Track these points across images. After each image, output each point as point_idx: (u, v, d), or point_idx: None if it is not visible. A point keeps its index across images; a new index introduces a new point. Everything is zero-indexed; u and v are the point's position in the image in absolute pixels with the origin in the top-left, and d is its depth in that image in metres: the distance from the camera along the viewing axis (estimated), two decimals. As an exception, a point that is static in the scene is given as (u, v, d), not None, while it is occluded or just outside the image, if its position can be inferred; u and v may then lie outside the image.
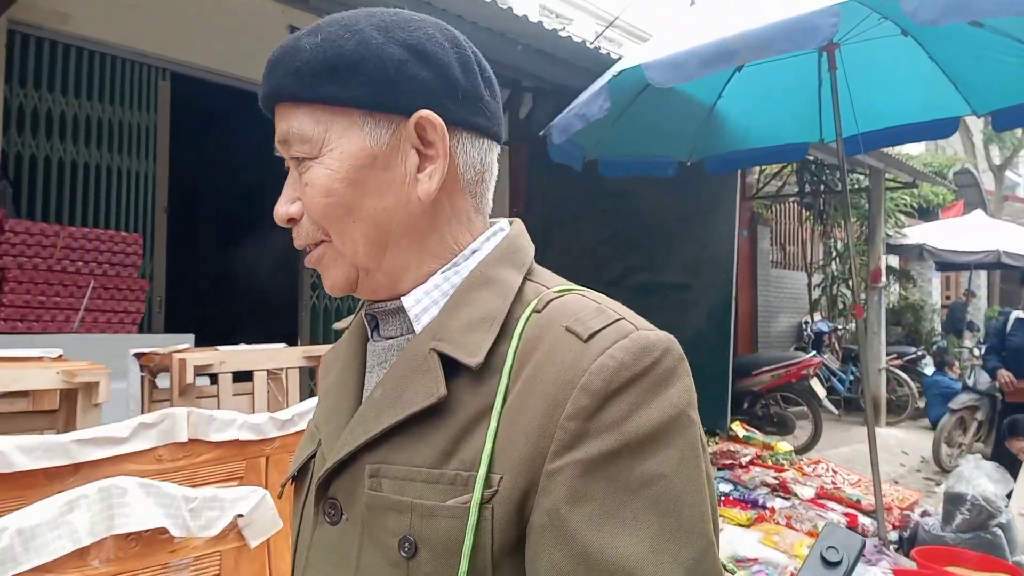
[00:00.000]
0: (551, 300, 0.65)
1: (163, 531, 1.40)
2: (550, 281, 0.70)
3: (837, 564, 0.61)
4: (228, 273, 4.17)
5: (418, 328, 0.68)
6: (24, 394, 2.26)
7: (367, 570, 0.63)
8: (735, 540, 3.20)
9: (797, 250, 10.96)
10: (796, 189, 9.44)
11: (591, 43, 5.01)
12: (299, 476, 0.75)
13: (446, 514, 0.59)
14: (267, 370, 2.50)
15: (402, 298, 0.69)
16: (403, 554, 0.60)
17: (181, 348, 2.61)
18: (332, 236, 0.68)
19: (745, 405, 6.27)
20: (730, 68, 2.45)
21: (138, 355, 2.53)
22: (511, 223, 0.75)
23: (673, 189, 5.20)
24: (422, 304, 0.68)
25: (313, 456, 0.72)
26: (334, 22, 0.67)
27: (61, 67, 4.09)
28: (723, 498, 3.80)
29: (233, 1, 4.59)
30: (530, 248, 0.73)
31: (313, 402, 2.21)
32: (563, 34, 4.78)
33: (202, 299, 5.74)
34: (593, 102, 2.84)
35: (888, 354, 8.68)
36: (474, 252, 0.70)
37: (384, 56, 0.64)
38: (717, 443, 4.90)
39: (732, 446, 4.75)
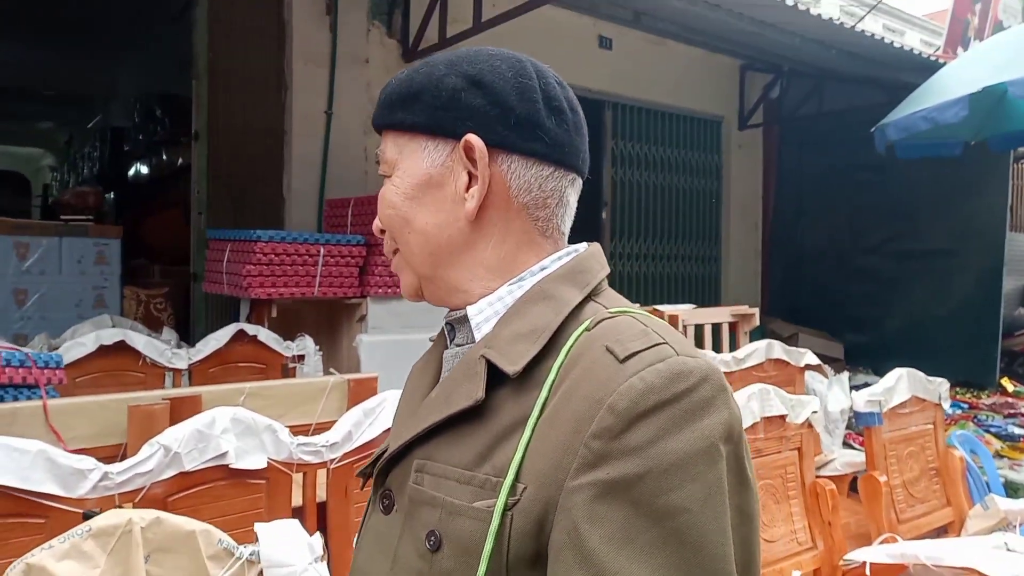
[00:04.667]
0: (603, 320, 0.66)
1: (783, 417, 2.31)
2: (614, 302, 0.71)
3: None
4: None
5: (478, 336, 0.72)
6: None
7: (402, 559, 0.66)
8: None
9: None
10: (1032, 150, 9.30)
11: (867, 29, 5.42)
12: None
13: (470, 514, 0.62)
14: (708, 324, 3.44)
15: (468, 307, 0.73)
16: (428, 546, 0.63)
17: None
18: (399, 246, 0.76)
19: (1002, 364, 6.63)
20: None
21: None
22: (588, 246, 0.77)
23: (942, 161, 5.64)
24: (484, 314, 0.72)
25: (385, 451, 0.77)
26: (424, 61, 0.75)
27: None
28: (1022, 440, 4.40)
29: (554, 19, 5.51)
30: (600, 271, 0.73)
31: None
32: (814, 14, 4.92)
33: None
34: (947, 109, 3.48)
35: None
36: (543, 269, 0.73)
37: (440, 86, 0.71)
38: (988, 396, 5.42)
39: (1008, 399, 5.27)
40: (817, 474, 2.49)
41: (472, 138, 0.70)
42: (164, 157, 7.18)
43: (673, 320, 3.21)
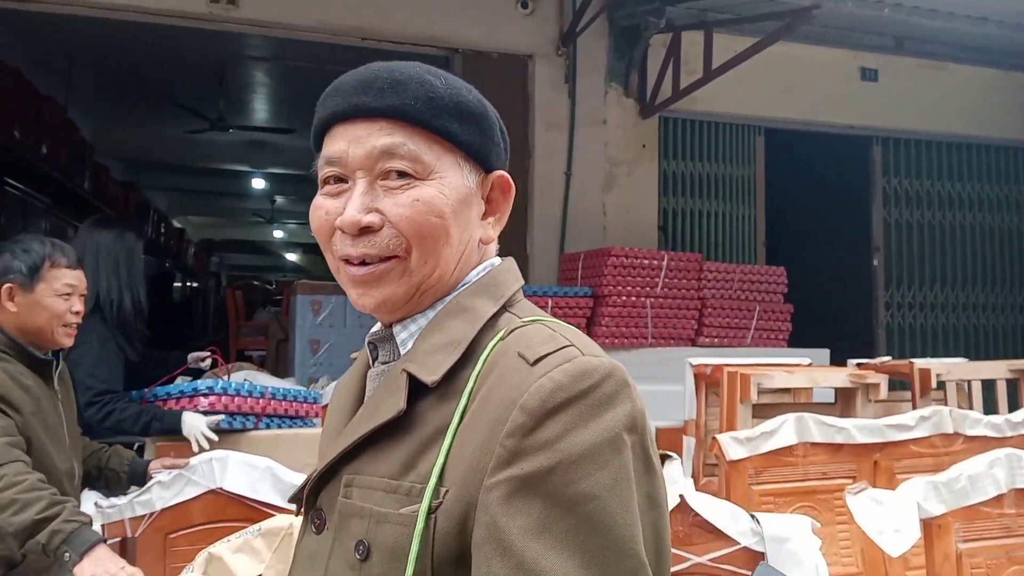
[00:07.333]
0: (516, 328, 0.69)
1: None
2: (527, 312, 0.73)
3: None
4: (809, 294, 4.77)
5: (403, 352, 0.74)
6: (787, 390, 3.06)
7: (332, 573, 0.68)
8: None
9: None
10: None
11: None
12: None
13: (396, 520, 0.64)
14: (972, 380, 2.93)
15: (393, 326, 0.75)
16: (358, 556, 0.66)
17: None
18: (414, 253, 0.71)
19: None
20: None
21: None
22: (503, 260, 0.79)
23: None
24: (409, 331, 0.74)
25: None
26: (439, 74, 0.74)
27: (687, 138, 5.22)
28: None
29: (802, 56, 5.20)
30: (514, 283, 0.76)
31: None
32: None
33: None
34: None
35: None
36: (464, 285, 0.75)
37: (493, 118, 0.77)
38: None
39: None
40: None
41: (508, 177, 0.77)
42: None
43: (925, 375, 2.75)
